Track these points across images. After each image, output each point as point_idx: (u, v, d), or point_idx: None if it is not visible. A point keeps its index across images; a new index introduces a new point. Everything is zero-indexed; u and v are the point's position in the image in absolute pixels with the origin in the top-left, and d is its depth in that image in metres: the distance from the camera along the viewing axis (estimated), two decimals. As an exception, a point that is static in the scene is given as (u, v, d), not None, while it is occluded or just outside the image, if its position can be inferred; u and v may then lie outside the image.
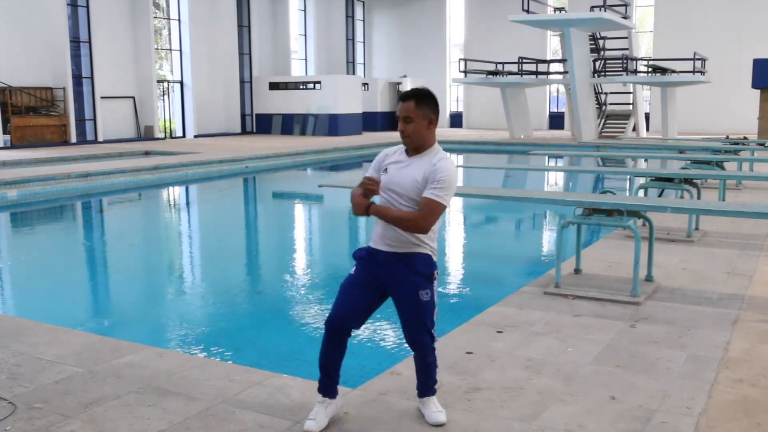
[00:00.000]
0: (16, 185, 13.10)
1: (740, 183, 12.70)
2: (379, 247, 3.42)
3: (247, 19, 31.12)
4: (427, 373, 3.52)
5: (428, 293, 3.37)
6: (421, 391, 3.56)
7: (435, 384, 3.55)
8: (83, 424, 3.44)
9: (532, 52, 31.67)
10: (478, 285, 7.62)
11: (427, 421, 3.46)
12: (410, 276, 3.36)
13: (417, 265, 3.36)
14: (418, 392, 3.58)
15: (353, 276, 3.47)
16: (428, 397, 3.54)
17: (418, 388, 3.57)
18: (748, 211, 6.08)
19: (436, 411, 3.48)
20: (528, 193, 9.11)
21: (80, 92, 24.47)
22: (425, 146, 3.38)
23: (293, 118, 30.51)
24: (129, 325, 6.20)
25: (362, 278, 3.44)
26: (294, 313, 6.57)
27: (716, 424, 3.44)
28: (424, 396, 3.55)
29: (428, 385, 3.54)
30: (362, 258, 3.48)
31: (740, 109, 29.74)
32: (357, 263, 3.50)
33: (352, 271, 3.49)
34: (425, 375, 3.53)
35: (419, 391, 3.57)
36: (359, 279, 3.44)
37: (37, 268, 8.59)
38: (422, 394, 3.56)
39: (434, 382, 3.55)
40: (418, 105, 3.32)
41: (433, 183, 3.29)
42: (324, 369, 3.45)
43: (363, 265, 3.46)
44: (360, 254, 3.50)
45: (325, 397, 3.45)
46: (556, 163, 20.82)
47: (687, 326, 4.92)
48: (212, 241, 10.56)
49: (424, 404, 3.53)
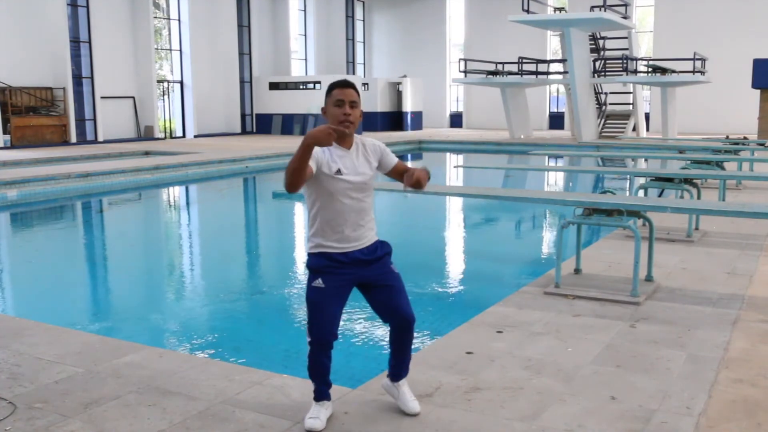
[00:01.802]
0: (16, 185, 13.11)
1: (740, 183, 12.70)
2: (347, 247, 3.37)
3: (247, 19, 31.12)
4: (408, 350, 3.55)
5: (395, 266, 3.53)
6: (397, 374, 3.57)
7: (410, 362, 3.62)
8: (83, 424, 3.44)
9: (532, 52, 31.67)
10: (478, 285, 7.62)
11: (403, 409, 3.50)
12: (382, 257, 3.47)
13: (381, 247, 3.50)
14: (392, 376, 3.58)
15: (324, 290, 3.35)
16: (404, 378, 3.58)
17: (394, 372, 3.57)
18: (748, 211, 6.08)
19: (412, 399, 3.54)
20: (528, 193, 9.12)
21: (80, 92, 24.48)
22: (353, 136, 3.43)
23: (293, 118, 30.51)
24: (129, 325, 6.20)
25: (335, 289, 3.35)
26: (294, 313, 6.56)
27: (716, 424, 3.44)
28: (399, 379, 3.57)
29: (406, 363, 3.57)
30: (324, 266, 3.37)
31: (740, 109, 29.74)
32: (321, 275, 3.36)
33: (320, 284, 3.35)
34: (406, 352, 3.55)
35: (394, 374, 3.57)
36: (331, 291, 3.35)
37: (37, 268, 8.59)
38: (398, 377, 3.57)
39: (410, 359, 3.61)
40: (358, 95, 3.37)
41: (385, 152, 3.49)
42: (319, 378, 3.44)
43: (330, 273, 3.36)
44: (320, 263, 3.37)
45: (323, 401, 3.47)
46: (556, 163, 20.81)
47: (687, 326, 4.92)
48: (212, 241, 10.56)
49: (400, 389, 3.56)
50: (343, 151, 3.36)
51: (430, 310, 6.27)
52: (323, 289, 3.35)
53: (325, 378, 3.46)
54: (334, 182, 3.31)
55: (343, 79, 3.41)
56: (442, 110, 39.02)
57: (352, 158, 3.37)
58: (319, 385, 3.46)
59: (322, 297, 3.35)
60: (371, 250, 3.44)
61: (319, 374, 3.44)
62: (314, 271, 3.40)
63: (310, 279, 3.41)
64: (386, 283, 3.45)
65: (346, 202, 3.34)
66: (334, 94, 3.32)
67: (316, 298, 3.36)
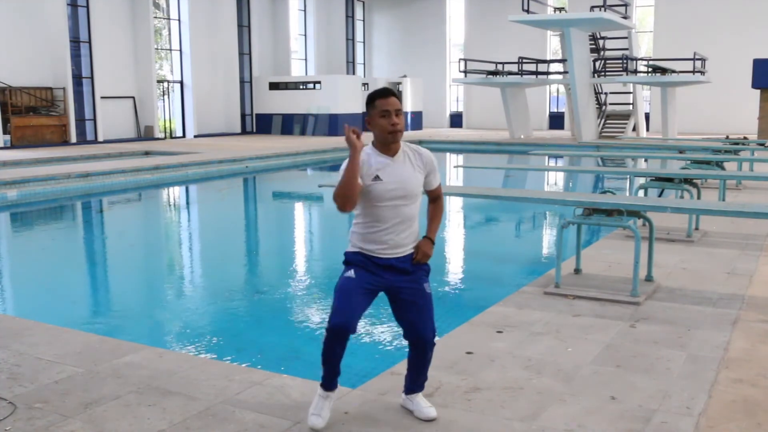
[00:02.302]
0: (16, 185, 13.11)
1: (740, 183, 12.70)
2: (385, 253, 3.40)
3: (247, 19, 31.12)
4: (424, 369, 3.54)
5: (429, 285, 3.49)
6: (411, 389, 3.57)
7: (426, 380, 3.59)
8: (83, 424, 3.44)
9: (532, 52, 31.67)
10: (478, 285, 7.62)
11: (417, 416, 3.49)
12: (415, 273, 3.44)
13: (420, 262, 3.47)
14: (407, 390, 3.59)
15: (354, 280, 3.39)
16: (416, 393, 3.57)
17: (408, 386, 3.58)
18: (748, 211, 6.08)
19: (426, 406, 3.51)
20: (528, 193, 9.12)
21: (80, 92, 24.49)
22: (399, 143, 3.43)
23: (293, 118, 30.52)
24: (129, 325, 6.20)
25: (364, 282, 3.38)
26: (294, 313, 6.57)
27: (716, 424, 3.44)
28: (412, 393, 3.57)
29: (421, 381, 3.56)
30: (360, 262, 3.42)
31: (740, 109, 29.75)
32: (355, 267, 3.42)
33: (351, 275, 3.40)
34: (422, 371, 3.54)
35: (409, 388, 3.58)
36: (361, 283, 3.38)
37: (37, 268, 8.59)
38: (412, 391, 3.57)
39: (426, 378, 3.59)
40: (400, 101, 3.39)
41: (434, 170, 3.47)
42: (330, 366, 3.42)
43: (364, 269, 3.41)
44: (356, 258, 3.44)
45: (328, 391, 3.45)
46: (556, 163, 20.81)
47: (687, 326, 4.92)
48: (212, 241, 10.56)
49: (413, 401, 3.55)
50: (386, 158, 3.37)
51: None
52: (353, 279, 3.39)
53: (335, 366, 3.43)
54: (374, 188, 3.33)
55: (383, 88, 3.39)
56: (442, 110, 39.03)
57: (396, 165, 3.37)
58: (328, 372, 3.43)
59: (350, 286, 3.38)
60: (408, 259, 3.43)
61: (330, 361, 3.41)
62: (349, 264, 3.45)
63: (344, 271, 3.46)
64: (413, 299, 3.43)
65: (386, 209, 3.35)
66: (378, 104, 3.32)
67: (345, 286, 3.39)
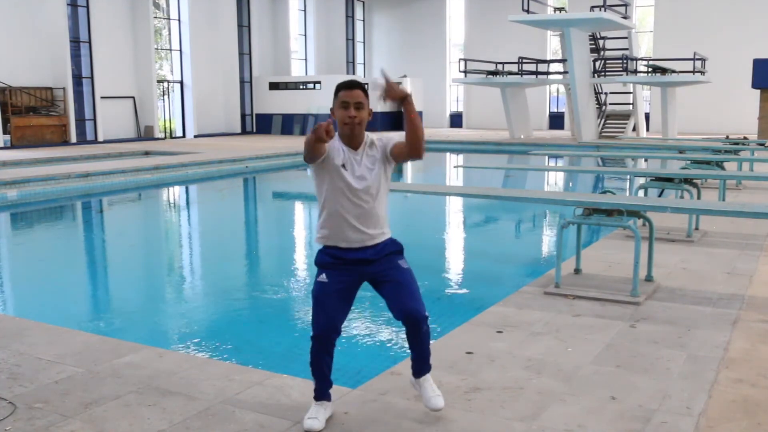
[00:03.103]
0: (16, 185, 13.11)
1: (740, 183, 12.70)
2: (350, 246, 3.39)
3: (247, 19, 31.13)
4: (422, 347, 3.50)
5: (405, 262, 3.49)
6: (417, 370, 3.56)
7: (429, 358, 3.56)
8: (83, 424, 3.44)
9: (532, 52, 31.67)
10: (478, 285, 7.62)
11: (425, 404, 3.48)
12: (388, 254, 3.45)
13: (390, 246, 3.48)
14: (413, 372, 3.58)
15: (328, 284, 3.39)
16: (425, 376, 3.55)
17: (413, 368, 3.57)
18: (748, 211, 6.08)
19: (434, 395, 3.49)
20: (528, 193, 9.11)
21: (80, 92, 24.50)
22: (362, 137, 3.41)
23: (293, 118, 30.53)
24: (129, 325, 6.19)
25: (338, 283, 3.39)
26: (294, 313, 6.57)
27: (716, 424, 3.44)
28: (420, 375, 3.55)
29: (424, 359, 3.54)
30: (330, 263, 3.42)
31: (740, 109, 29.76)
32: (327, 270, 3.41)
33: (323, 279, 3.40)
34: (421, 349, 3.51)
35: (415, 370, 3.57)
36: (337, 286, 3.38)
37: (37, 268, 8.59)
38: (418, 374, 3.56)
39: (429, 355, 3.56)
40: (365, 95, 3.35)
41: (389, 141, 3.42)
42: (320, 377, 3.44)
43: (336, 269, 3.40)
44: (324, 260, 3.44)
45: (322, 400, 3.47)
46: (556, 163, 20.81)
47: (687, 326, 4.92)
48: (212, 241, 10.56)
49: (422, 385, 3.53)
50: (351, 152, 3.40)
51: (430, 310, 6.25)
52: (326, 284, 3.40)
53: (326, 376, 3.45)
54: (337, 177, 3.35)
55: (349, 80, 3.40)
56: (442, 110, 39.03)
57: (358, 160, 3.39)
58: (319, 383, 3.45)
59: (324, 291, 3.39)
60: (377, 250, 3.43)
61: (320, 371, 3.43)
62: (319, 267, 3.46)
63: (317, 274, 3.46)
64: (392, 278, 3.43)
65: (346, 204, 3.36)
66: (340, 95, 3.33)
67: (319, 292, 3.40)
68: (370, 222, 3.41)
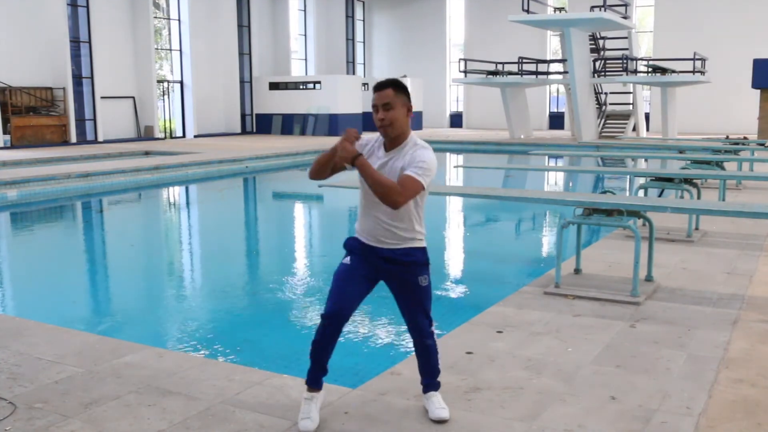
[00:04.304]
0: (16, 185, 13.11)
1: (740, 183, 12.70)
2: (372, 243, 3.42)
3: (247, 19, 31.12)
4: (428, 361, 3.54)
5: (426, 278, 3.48)
6: (425, 384, 3.58)
7: (438, 375, 3.58)
8: (83, 424, 3.44)
9: (532, 52, 31.67)
10: (478, 285, 7.62)
11: (429, 416, 3.49)
12: (411, 265, 3.43)
13: (416, 255, 3.44)
14: (423, 388, 3.60)
15: (349, 267, 3.45)
16: (432, 392, 3.56)
17: (422, 381, 3.59)
18: (748, 211, 6.08)
19: (439, 407, 3.50)
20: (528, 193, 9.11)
21: (80, 92, 24.48)
22: (404, 136, 3.35)
23: (293, 118, 30.52)
24: (129, 325, 6.20)
25: (359, 269, 3.43)
26: (294, 313, 6.56)
27: (716, 424, 3.44)
28: (428, 391, 3.57)
29: (430, 374, 3.56)
30: (357, 249, 3.47)
31: (740, 109, 29.75)
32: (351, 254, 3.48)
33: (347, 261, 3.47)
34: (427, 362, 3.54)
35: (423, 383, 3.60)
36: (356, 270, 3.43)
37: (37, 268, 8.59)
38: (426, 389, 3.58)
39: (437, 373, 3.58)
40: (396, 93, 3.30)
41: (413, 164, 3.26)
42: (317, 361, 3.44)
43: (360, 256, 3.45)
44: (353, 245, 3.49)
45: (312, 391, 3.45)
46: (556, 163, 20.81)
47: (687, 326, 4.92)
48: (212, 241, 10.56)
49: (429, 399, 3.55)
50: (381, 152, 3.39)
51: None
52: (348, 266, 3.45)
53: (322, 362, 3.44)
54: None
55: (381, 80, 3.35)
56: (442, 110, 39.02)
57: (384, 161, 3.35)
58: (314, 366, 3.45)
59: (343, 273, 3.45)
60: (399, 254, 3.40)
61: (317, 356, 3.43)
62: (347, 250, 3.52)
63: (344, 256, 3.52)
64: (407, 292, 3.46)
65: (371, 201, 3.36)
66: (373, 98, 3.32)
67: (340, 272, 3.47)
68: (395, 224, 3.37)
